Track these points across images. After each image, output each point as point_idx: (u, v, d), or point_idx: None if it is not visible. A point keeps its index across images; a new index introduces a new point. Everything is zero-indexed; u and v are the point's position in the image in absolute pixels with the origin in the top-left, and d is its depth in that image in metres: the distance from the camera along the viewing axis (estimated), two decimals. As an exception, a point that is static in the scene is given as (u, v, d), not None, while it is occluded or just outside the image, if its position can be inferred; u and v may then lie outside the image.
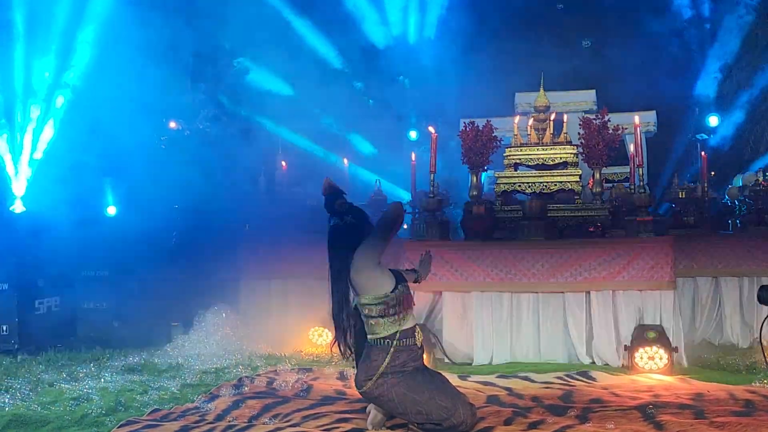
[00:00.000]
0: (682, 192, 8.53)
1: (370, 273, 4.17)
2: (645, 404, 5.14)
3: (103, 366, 6.98)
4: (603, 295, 6.88)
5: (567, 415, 4.95)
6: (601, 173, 7.70)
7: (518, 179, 7.77)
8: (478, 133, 7.79)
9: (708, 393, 5.58)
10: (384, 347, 4.18)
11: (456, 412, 4.18)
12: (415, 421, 4.24)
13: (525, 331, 7.09)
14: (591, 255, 6.89)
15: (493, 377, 6.30)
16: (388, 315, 4.16)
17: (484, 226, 7.33)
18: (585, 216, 7.52)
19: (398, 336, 4.17)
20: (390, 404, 4.22)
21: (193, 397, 5.75)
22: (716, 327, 7.96)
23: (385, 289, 4.17)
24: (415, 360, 4.24)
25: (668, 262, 6.75)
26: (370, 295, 4.16)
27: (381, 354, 4.18)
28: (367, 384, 4.22)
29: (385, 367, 4.16)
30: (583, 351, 6.89)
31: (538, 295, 7.06)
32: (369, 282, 4.18)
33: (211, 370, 6.82)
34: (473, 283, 7.11)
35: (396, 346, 4.18)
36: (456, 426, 4.20)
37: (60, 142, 9.44)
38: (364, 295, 4.18)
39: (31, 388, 6.06)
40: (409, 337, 4.23)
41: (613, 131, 7.50)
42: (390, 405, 4.22)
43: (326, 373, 6.55)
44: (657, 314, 6.75)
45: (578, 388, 5.86)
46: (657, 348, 6.41)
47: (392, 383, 4.13)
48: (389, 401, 4.19)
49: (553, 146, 7.76)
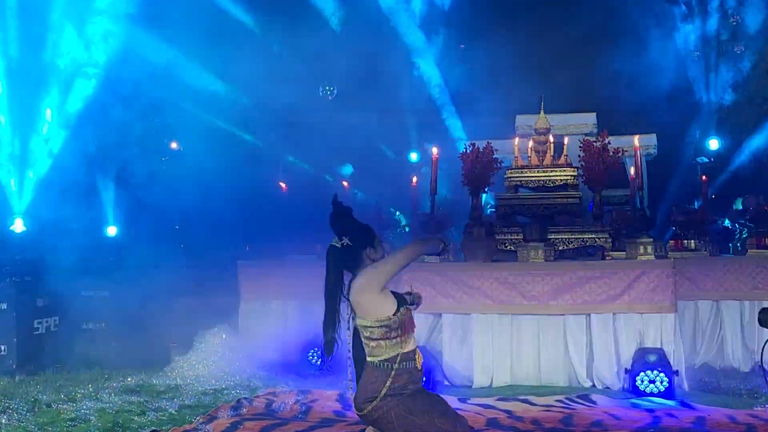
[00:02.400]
0: (683, 215, 8.52)
1: (373, 296, 4.13)
2: (646, 428, 5.11)
3: (101, 387, 6.95)
4: (603, 317, 6.86)
5: (567, 439, 4.92)
6: (601, 196, 7.70)
7: (519, 201, 7.78)
8: (478, 155, 7.81)
9: (709, 417, 5.54)
10: (385, 369, 4.14)
11: None
12: None
13: (525, 353, 7.05)
14: (591, 278, 6.87)
15: (493, 400, 6.27)
16: (390, 338, 4.12)
17: (484, 247, 7.32)
18: (585, 238, 7.51)
19: (399, 359, 4.14)
20: (389, 426, 4.18)
21: (191, 419, 5.72)
22: (717, 350, 7.91)
23: (386, 312, 4.13)
24: (415, 382, 4.21)
25: (669, 285, 6.73)
26: (371, 317, 4.13)
27: (382, 376, 4.14)
28: (367, 407, 4.18)
29: (386, 389, 4.13)
30: (583, 374, 6.86)
31: (539, 317, 7.03)
32: (370, 305, 4.14)
33: (209, 392, 6.79)
34: (473, 305, 7.08)
35: (397, 369, 4.15)
36: None
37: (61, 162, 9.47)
38: (366, 317, 4.15)
39: (29, 409, 6.04)
40: (410, 360, 4.19)
41: (614, 154, 7.51)
42: (389, 427, 4.18)
43: (325, 395, 6.51)
44: (658, 337, 6.72)
45: (579, 411, 5.83)
46: (658, 371, 6.38)
47: (392, 405, 4.09)
48: (389, 423, 4.15)
49: (554, 168, 7.78)
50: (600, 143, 7.53)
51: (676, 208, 8.65)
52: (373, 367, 4.15)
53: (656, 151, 10.22)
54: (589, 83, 12.80)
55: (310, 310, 8.52)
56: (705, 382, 7.04)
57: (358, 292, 4.13)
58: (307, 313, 8.50)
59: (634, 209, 7.32)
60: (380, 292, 4.13)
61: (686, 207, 8.79)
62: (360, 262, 4.20)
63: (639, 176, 7.28)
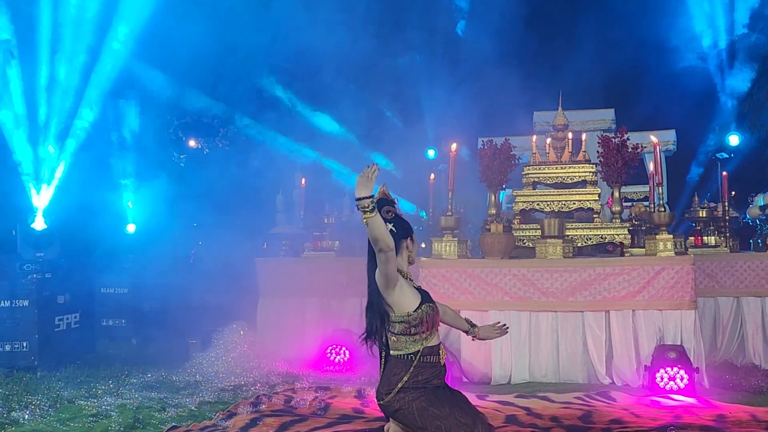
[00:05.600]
0: (703, 211, 8.48)
1: (388, 293, 4.18)
2: (666, 425, 5.08)
3: (121, 383, 7.01)
4: (623, 314, 6.83)
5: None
6: (620, 192, 7.66)
7: (537, 198, 7.75)
8: (496, 152, 7.79)
9: (730, 414, 5.51)
10: (406, 362, 4.18)
11: (475, 429, 4.16)
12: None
13: (543, 350, 7.03)
14: (610, 274, 6.84)
15: (512, 397, 6.26)
16: (409, 334, 4.15)
17: (502, 244, 7.30)
18: (604, 235, 7.48)
19: (421, 353, 4.17)
20: (410, 418, 4.20)
21: (211, 415, 5.75)
22: (738, 347, 7.87)
23: (406, 308, 4.16)
24: (438, 378, 4.23)
25: (689, 282, 6.69)
26: (392, 312, 4.17)
27: (403, 368, 4.18)
28: (388, 397, 4.22)
29: (406, 381, 4.16)
30: (602, 371, 6.83)
31: (557, 314, 7.01)
32: (389, 299, 4.19)
33: (228, 388, 6.83)
34: (491, 302, 7.08)
35: (418, 362, 4.18)
36: None
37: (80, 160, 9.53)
38: (390, 311, 4.20)
39: (51, 405, 6.10)
40: (433, 354, 4.21)
41: (633, 150, 7.47)
42: (410, 419, 4.21)
43: (344, 392, 6.53)
44: (678, 334, 6.68)
45: (598, 408, 5.81)
46: (678, 368, 6.34)
47: (413, 397, 4.12)
48: (409, 415, 4.18)
49: (572, 165, 7.74)
50: (619, 139, 7.49)
51: (696, 205, 8.59)
52: (396, 360, 4.20)
53: (675, 147, 10.18)
54: (607, 79, 12.74)
55: (328, 307, 8.58)
56: (725, 379, 6.99)
57: (380, 287, 4.18)
58: (325, 310, 8.56)
59: (653, 205, 7.27)
60: (393, 289, 4.15)
61: (706, 203, 8.72)
62: (398, 252, 4.24)
63: (658, 172, 7.23)
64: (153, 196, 11.47)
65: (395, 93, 13.97)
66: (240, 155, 13.11)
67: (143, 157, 11.73)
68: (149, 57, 10.88)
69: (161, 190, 11.59)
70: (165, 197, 11.60)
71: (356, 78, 13.76)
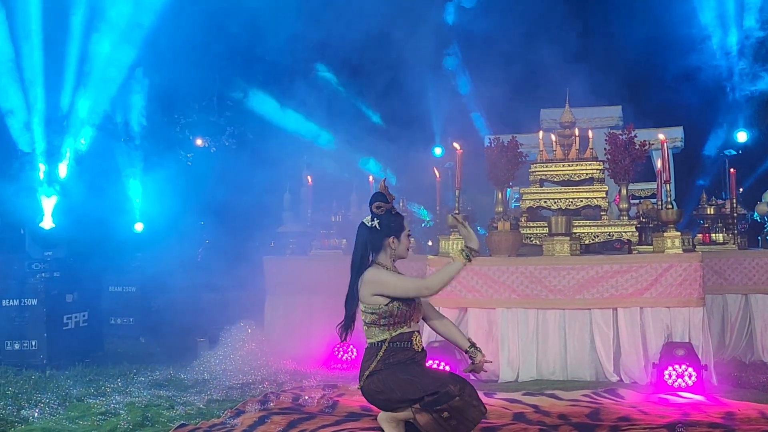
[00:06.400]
0: (711, 208, 8.46)
1: (365, 291, 4.40)
2: (674, 423, 5.07)
3: (130, 381, 7.04)
4: (630, 311, 6.81)
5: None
6: (627, 189, 7.64)
7: (544, 195, 7.74)
8: (503, 149, 7.79)
9: (739, 412, 5.48)
10: (376, 349, 4.45)
11: (451, 383, 4.28)
12: (413, 397, 4.28)
13: (551, 348, 7.03)
14: (618, 271, 6.83)
15: (520, 394, 6.25)
16: (378, 324, 4.36)
17: (509, 242, 7.30)
18: (611, 232, 7.46)
19: (390, 339, 4.34)
20: (391, 396, 4.38)
21: (219, 413, 5.77)
22: (746, 344, 7.84)
23: (378, 301, 4.36)
24: (413, 360, 4.40)
25: (697, 279, 6.67)
26: (363, 303, 4.38)
27: (373, 355, 4.45)
28: (362, 381, 4.50)
29: (374, 367, 4.41)
30: (610, 368, 6.82)
31: (565, 311, 7.00)
32: (364, 293, 4.46)
33: (236, 386, 6.85)
34: (498, 300, 7.07)
35: (387, 347, 4.42)
36: (452, 394, 4.18)
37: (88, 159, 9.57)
38: (362, 301, 4.40)
39: (60, 403, 6.12)
40: (404, 341, 4.44)
41: (640, 147, 7.45)
42: (391, 397, 4.38)
43: (351, 390, 6.53)
44: (686, 331, 6.65)
45: (606, 406, 5.79)
46: (686, 366, 6.31)
47: (385, 375, 4.34)
48: (390, 393, 4.37)
49: (579, 162, 7.73)
50: (626, 136, 7.47)
51: (704, 202, 8.57)
52: (369, 348, 4.46)
53: (683, 144, 10.13)
54: (614, 76, 12.70)
55: (335, 305, 8.56)
56: (734, 376, 6.96)
57: (361, 283, 4.39)
58: (332, 308, 8.51)
59: (661, 202, 7.25)
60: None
61: (714, 200, 8.69)
62: (381, 248, 4.53)
63: (666, 169, 7.21)
64: (160, 194, 11.50)
65: (399, 91, 13.95)
66: (247, 154, 13.12)
67: (151, 155, 11.77)
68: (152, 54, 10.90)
69: (169, 189, 11.62)
70: (172, 196, 11.63)
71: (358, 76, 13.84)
